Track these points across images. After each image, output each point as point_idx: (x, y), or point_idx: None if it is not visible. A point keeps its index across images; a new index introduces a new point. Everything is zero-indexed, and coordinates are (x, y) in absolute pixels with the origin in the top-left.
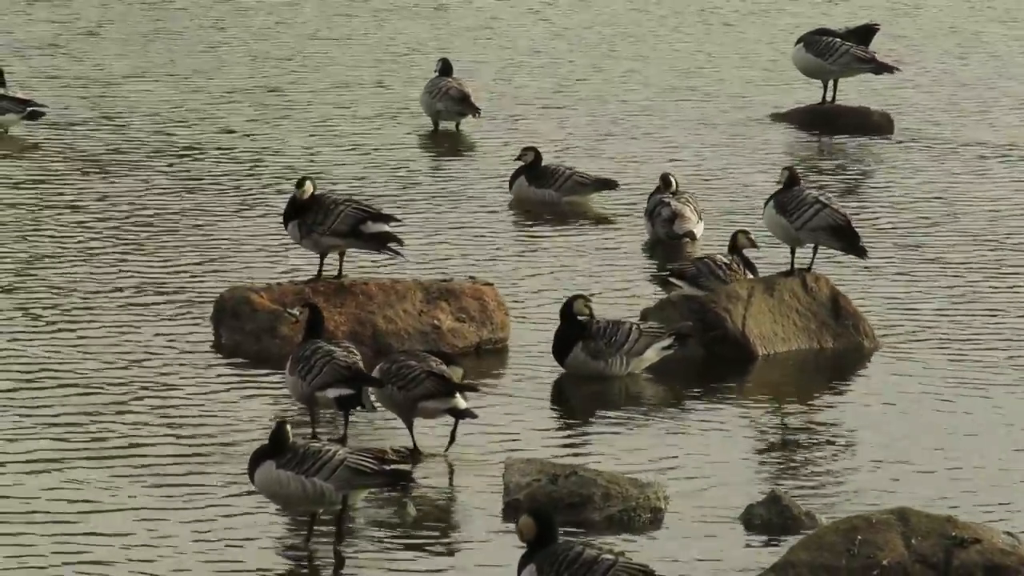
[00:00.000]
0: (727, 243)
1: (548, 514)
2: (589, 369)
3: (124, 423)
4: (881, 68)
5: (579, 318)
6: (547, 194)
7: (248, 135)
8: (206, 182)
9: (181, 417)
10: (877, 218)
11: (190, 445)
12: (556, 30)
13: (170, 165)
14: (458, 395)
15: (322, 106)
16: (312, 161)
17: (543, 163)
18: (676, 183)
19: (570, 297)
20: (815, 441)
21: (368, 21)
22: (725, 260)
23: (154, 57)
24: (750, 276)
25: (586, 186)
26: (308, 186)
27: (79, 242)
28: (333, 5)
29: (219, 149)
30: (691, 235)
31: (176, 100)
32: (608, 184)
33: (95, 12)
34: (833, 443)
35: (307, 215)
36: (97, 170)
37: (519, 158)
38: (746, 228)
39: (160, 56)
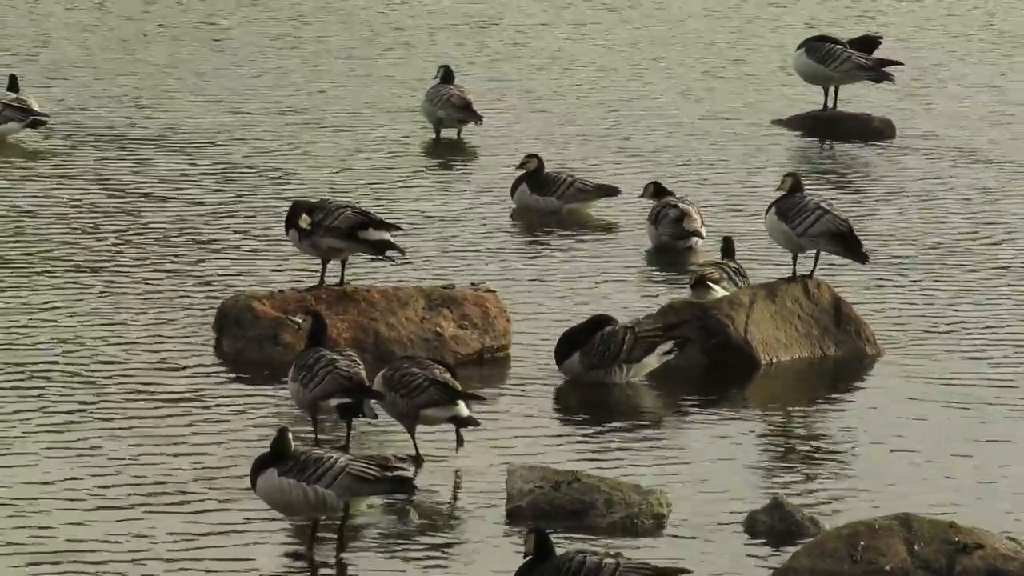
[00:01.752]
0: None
1: (546, 534)
2: (585, 378)
3: (125, 430)
4: (882, 76)
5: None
6: (549, 202)
7: (257, 146)
8: (211, 191)
9: (182, 424)
10: (879, 224)
11: (192, 452)
12: (572, 36)
13: (179, 175)
14: (461, 403)
15: (336, 118)
16: (312, 168)
17: (545, 171)
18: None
19: (606, 316)
20: (817, 447)
21: (403, 39)
22: (733, 265)
23: (186, 76)
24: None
25: (588, 193)
26: (305, 219)
27: (74, 248)
28: (377, 26)
29: (226, 160)
30: (699, 235)
31: (195, 112)
32: (610, 191)
33: (131, 30)
34: (835, 449)
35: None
36: (105, 180)
37: (521, 166)
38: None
39: (191, 75)
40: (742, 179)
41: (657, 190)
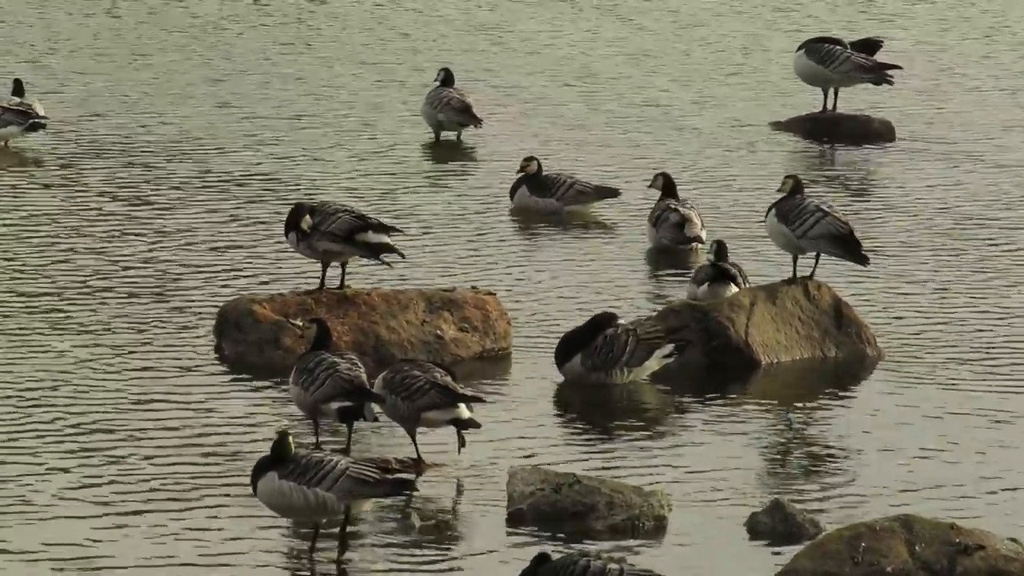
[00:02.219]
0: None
1: (547, 556)
2: (587, 380)
3: (126, 434)
4: (881, 79)
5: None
6: (549, 203)
7: (257, 150)
8: (209, 194)
9: (184, 428)
10: (879, 226)
11: (193, 455)
12: (573, 39)
13: (176, 178)
14: (461, 405)
15: (334, 122)
16: (312, 172)
17: (544, 172)
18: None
19: (608, 314)
20: (818, 449)
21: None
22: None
23: (197, 83)
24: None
25: (587, 195)
26: (307, 220)
27: (74, 253)
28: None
29: (224, 163)
30: (699, 240)
31: (198, 118)
32: (610, 192)
33: (142, 36)
34: (836, 450)
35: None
36: (110, 184)
37: (521, 170)
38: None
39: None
40: (742, 181)
41: (666, 182)
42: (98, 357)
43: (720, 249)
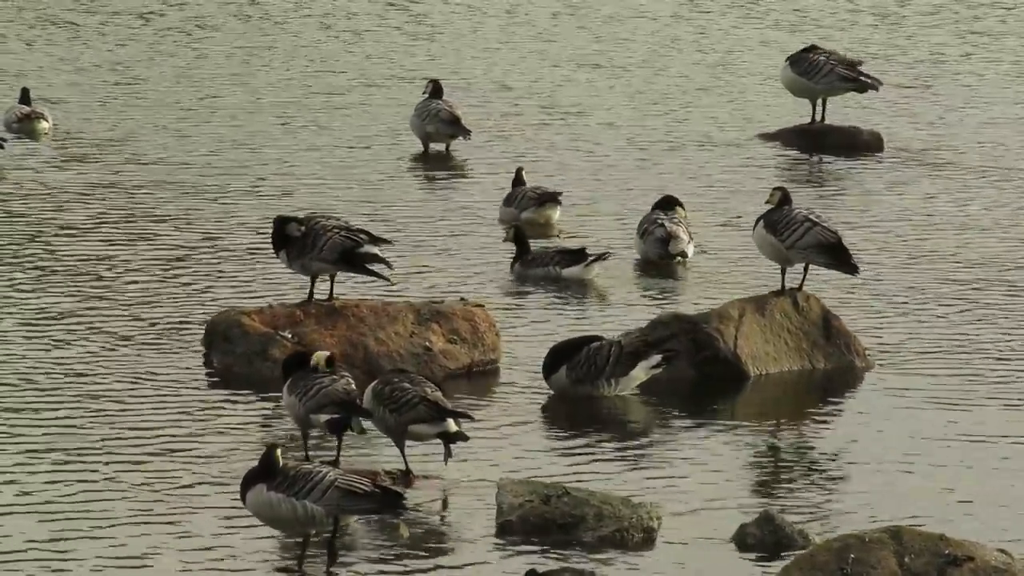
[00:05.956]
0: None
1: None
2: (573, 393)
3: (116, 445)
4: (865, 87)
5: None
6: (509, 212)
7: (245, 157)
8: (199, 204)
9: (172, 439)
10: (868, 236)
11: (181, 467)
12: (559, 47)
13: (166, 189)
14: (449, 419)
15: (322, 131)
16: (303, 183)
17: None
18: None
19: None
20: (807, 460)
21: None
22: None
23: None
24: None
25: (534, 200)
26: (295, 227)
27: (70, 263)
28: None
29: (216, 172)
30: (683, 255)
31: (188, 125)
32: (551, 197)
33: (145, 42)
34: (825, 462)
35: (296, 241)
36: (93, 193)
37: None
38: None
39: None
40: (731, 193)
41: (667, 202)
42: (86, 368)
43: (519, 234)
